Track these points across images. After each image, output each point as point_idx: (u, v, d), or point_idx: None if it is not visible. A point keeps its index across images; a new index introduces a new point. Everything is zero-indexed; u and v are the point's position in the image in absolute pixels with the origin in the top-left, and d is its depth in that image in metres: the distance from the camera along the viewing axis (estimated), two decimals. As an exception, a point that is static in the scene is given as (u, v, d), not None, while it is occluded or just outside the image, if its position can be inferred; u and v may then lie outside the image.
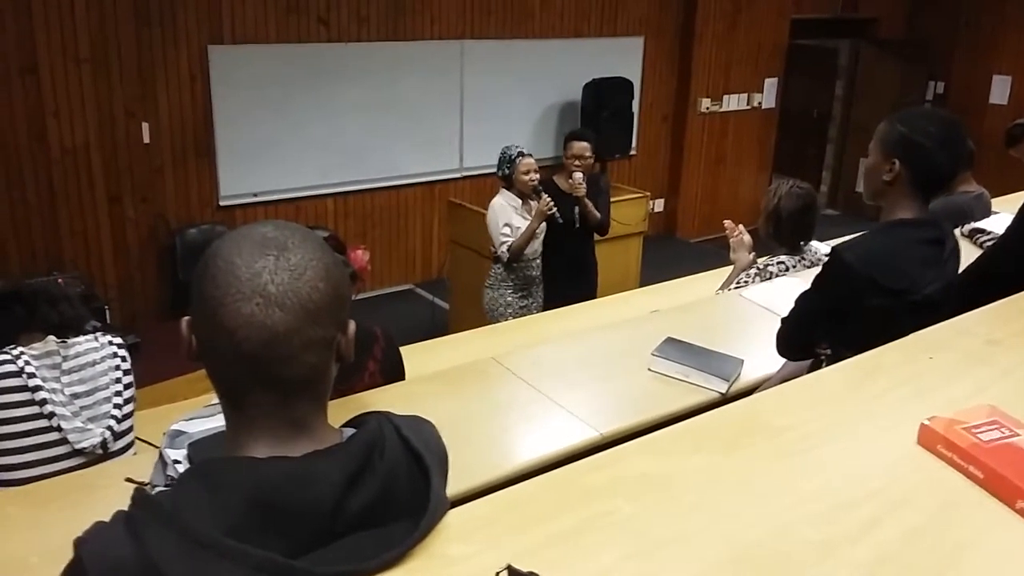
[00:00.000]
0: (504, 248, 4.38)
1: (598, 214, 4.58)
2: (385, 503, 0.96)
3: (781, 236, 3.32)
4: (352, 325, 1.02)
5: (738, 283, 3.34)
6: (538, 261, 4.55)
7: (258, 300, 0.91)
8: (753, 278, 3.32)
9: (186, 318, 0.98)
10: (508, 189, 4.46)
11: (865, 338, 1.94)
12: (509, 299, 4.49)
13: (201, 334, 0.96)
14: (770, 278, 3.28)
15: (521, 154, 4.39)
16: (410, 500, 0.99)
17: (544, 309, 4.54)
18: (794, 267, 3.28)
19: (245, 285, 0.91)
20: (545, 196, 4.34)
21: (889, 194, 2.09)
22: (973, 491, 1.15)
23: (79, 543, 0.93)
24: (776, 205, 3.26)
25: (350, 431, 1.03)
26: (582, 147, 4.54)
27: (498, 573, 0.92)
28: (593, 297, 4.63)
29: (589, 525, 1.05)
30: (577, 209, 4.53)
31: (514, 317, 4.42)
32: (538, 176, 4.43)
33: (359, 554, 0.92)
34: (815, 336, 2.16)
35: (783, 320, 2.27)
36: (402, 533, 0.96)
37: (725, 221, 3.54)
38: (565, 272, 4.65)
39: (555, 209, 4.34)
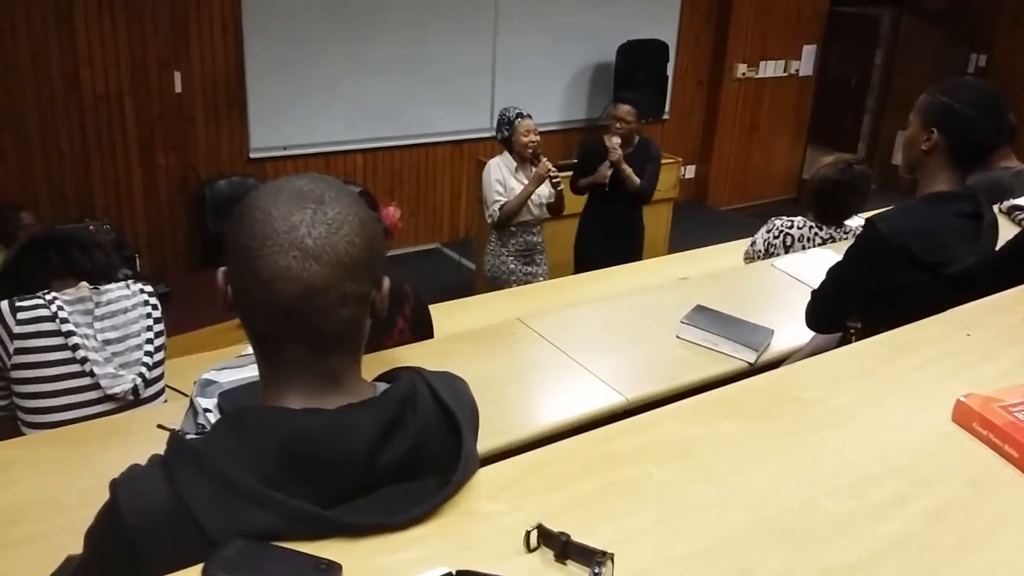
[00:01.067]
0: (496, 207, 4.30)
1: (636, 180, 4.47)
2: (416, 458, 0.97)
3: (815, 206, 3.30)
4: (387, 281, 1.03)
5: (752, 241, 3.36)
6: (540, 227, 4.50)
7: (295, 253, 0.92)
8: (760, 231, 3.33)
9: (222, 268, 0.99)
10: (508, 152, 4.39)
11: (898, 313, 1.93)
12: (512, 266, 4.45)
13: (237, 285, 0.97)
14: (770, 231, 3.28)
15: (520, 115, 4.31)
16: (441, 456, 1.00)
17: (577, 270, 4.52)
18: (800, 227, 3.26)
19: (282, 237, 0.92)
20: (544, 160, 4.28)
21: (926, 165, 2.05)
22: (1007, 470, 1.14)
23: (115, 485, 0.94)
24: (819, 175, 3.24)
25: (383, 385, 1.04)
26: (625, 110, 4.48)
27: (529, 532, 0.92)
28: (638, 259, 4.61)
29: (618, 489, 1.05)
30: (611, 172, 4.47)
31: (519, 284, 4.39)
32: (538, 139, 4.34)
33: (390, 507, 0.93)
34: (846, 309, 2.13)
35: (813, 292, 2.25)
36: (433, 489, 0.97)
37: None
38: (597, 234, 4.63)
39: (555, 173, 4.30)
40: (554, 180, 4.32)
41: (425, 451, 0.98)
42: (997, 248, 2.14)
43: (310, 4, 6.12)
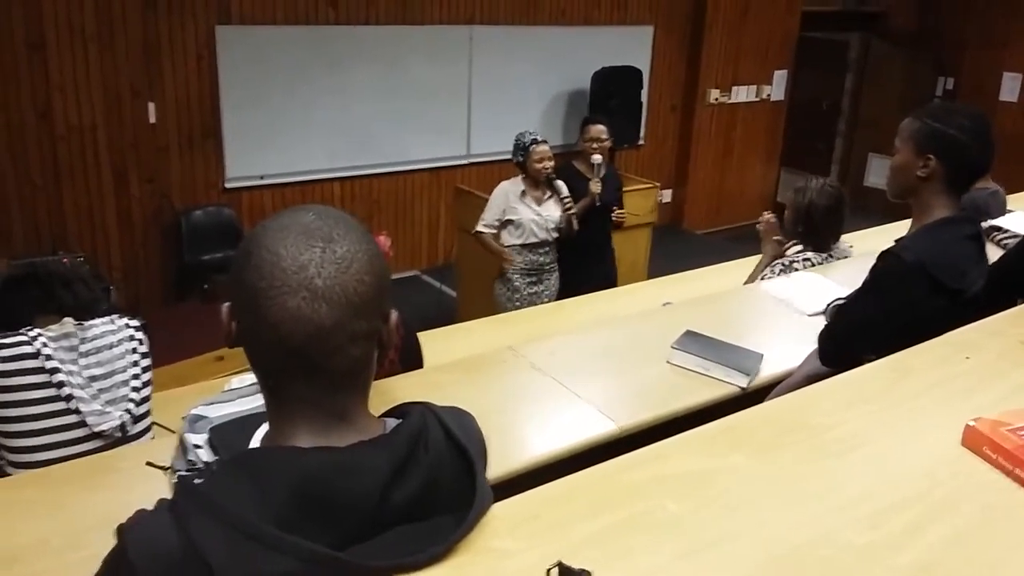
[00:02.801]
0: (480, 227, 4.48)
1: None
2: (430, 496, 0.95)
3: (812, 235, 3.27)
4: (395, 314, 1.01)
5: (763, 277, 3.32)
6: (549, 248, 4.53)
7: (304, 294, 0.90)
8: (778, 273, 3.29)
9: (226, 304, 0.97)
10: (524, 176, 4.45)
11: (919, 342, 1.86)
12: (517, 284, 4.49)
13: (244, 323, 0.94)
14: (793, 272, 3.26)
15: (535, 141, 4.37)
16: (454, 493, 0.98)
17: (561, 293, 4.56)
18: (820, 264, 3.26)
19: (291, 278, 0.90)
20: (510, 261, 4.41)
21: (923, 191, 2.07)
22: (1019, 493, 1.14)
23: (123, 531, 0.91)
24: (808, 203, 3.20)
25: (393, 422, 1.02)
26: (599, 130, 4.58)
27: (549, 570, 0.90)
28: (613, 283, 4.64)
29: (635, 523, 1.03)
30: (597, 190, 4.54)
31: (523, 304, 4.42)
32: (552, 164, 4.41)
33: (405, 547, 0.91)
34: (875, 344, 1.95)
35: (830, 327, 2.22)
36: (447, 527, 0.95)
37: (764, 213, 3.53)
38: (574, 261, 4.66)
39: (569, 201, 4.39)
40: (567, 207, 4.40)
41: (437, 489, 0.96)
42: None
43: (285, 33, 6.13)
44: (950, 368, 1.49)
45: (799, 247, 3.36)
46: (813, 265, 3.24)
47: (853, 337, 2.11)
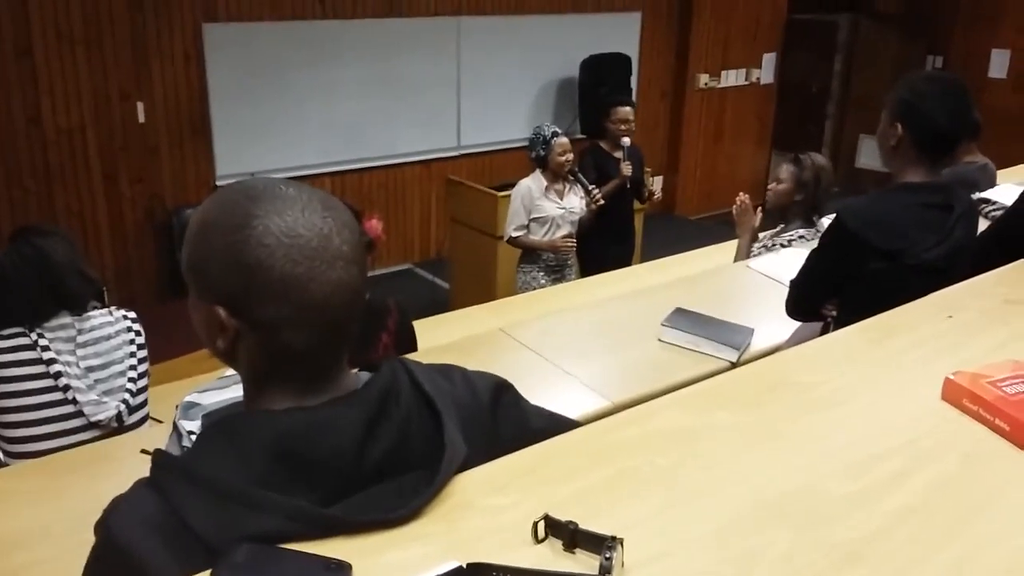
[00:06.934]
0: (512, 233, 4.37)
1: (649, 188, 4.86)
2: (403, 451, 0.96)
3: (819, 208, 3.32)
4: None
5: (755, 255, 3.34)
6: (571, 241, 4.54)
7: (340, 263, 0.91)
8: (771, 249, 3.32)
9: (220, 310, 0.92)
10: (542, 170, 4.39)
11: (870, 302, 1.96)
12: (543, 281, 4.44)
13: (275, 316, 0.91)
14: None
15: (556, 134, 4.33)
16: (425, 447, 0.98)
17: (587, 270, 4.59)
18: (810, 240, 3.28)
19: (325, 253, 0.91)
20: (568, 242, 4.35)
21: (896, 159, 2.12)
22: (999, 443, 1.16)
23: (102, 522, 0.91)
24: (817, 177, 3.25)
25: (366, 375, 1.03)
26: (627, 111, 4.58)
27: (536, 523, 0.92)
28: (630, 261, 4.72)
29: (621, 478, 1.05)
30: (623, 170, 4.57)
31: None
32: (572, 156, 4.38)
33: (386, 503, 0.92)
34: (820, 297, 2.21)
35: (791, 282, 2.29)
36: (424, 481, 0.96)
37: (740, 194, 3.56)
38: (599, 238, 4.70)
39: (596, 193, 4.38)
40: (594, 198, 4.37)
41: (409, 444, 0.97)
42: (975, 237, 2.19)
43: (273, 29, 6.13)
44: (933, 327, 1.50)
45: (790, 226, 3.38)
46: (808, 241, 3.28)
47: (804, 291, 2.26)
